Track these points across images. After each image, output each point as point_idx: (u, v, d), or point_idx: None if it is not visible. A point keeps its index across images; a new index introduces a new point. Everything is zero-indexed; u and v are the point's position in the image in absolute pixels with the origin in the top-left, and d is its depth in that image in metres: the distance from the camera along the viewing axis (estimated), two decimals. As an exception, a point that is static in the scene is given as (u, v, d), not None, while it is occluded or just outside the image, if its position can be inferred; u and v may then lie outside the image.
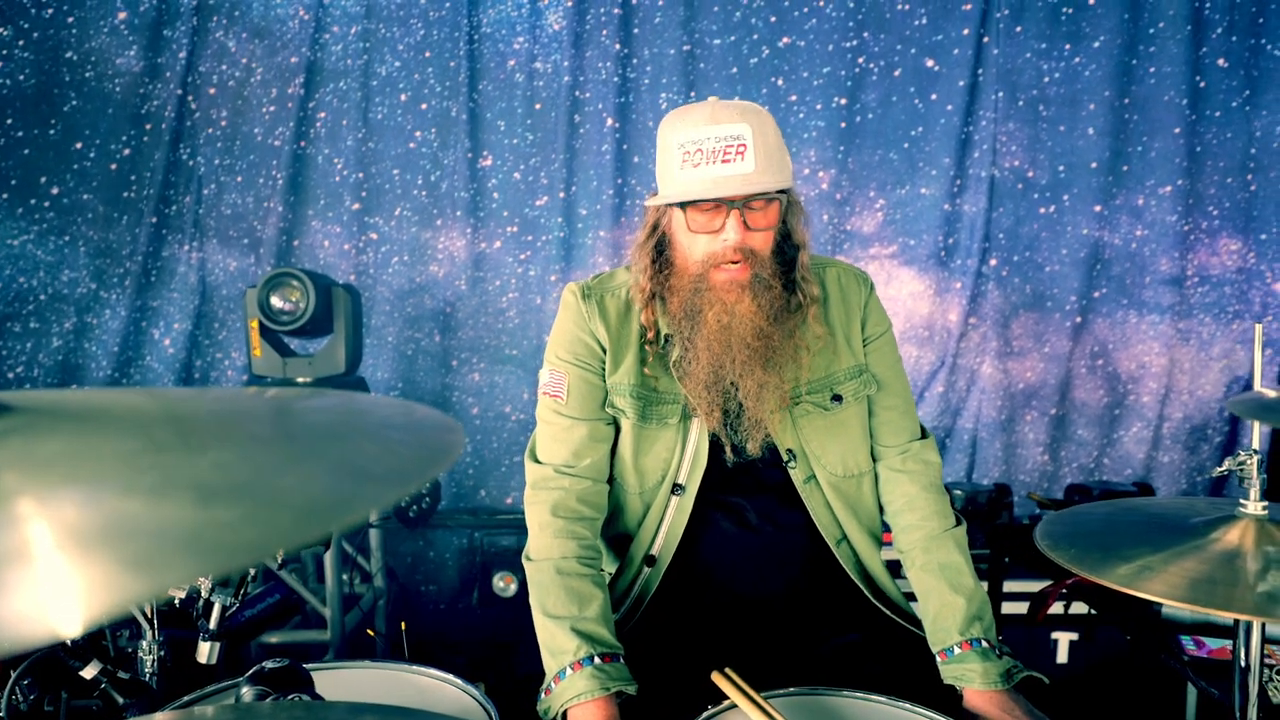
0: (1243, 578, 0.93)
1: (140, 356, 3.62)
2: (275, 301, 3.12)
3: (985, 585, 2.78)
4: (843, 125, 3.54)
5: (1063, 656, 2.89)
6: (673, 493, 1.56)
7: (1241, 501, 1.04)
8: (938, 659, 1.44)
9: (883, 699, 1.30)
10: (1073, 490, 3.21)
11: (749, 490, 1.58)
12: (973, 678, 1.38)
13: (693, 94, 3.56)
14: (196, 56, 3.52)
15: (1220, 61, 3.45)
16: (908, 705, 1.29)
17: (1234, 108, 3.46)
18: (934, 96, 3.51)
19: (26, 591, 0.36)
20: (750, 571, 1.58)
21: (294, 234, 3.65)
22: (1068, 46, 3.48)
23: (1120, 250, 3.54)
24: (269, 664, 1.25)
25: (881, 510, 1.65)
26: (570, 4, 3.52)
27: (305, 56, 3.55)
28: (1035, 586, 2.63)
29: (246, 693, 1.20)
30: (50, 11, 3.40)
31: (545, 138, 3.59)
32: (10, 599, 0.35)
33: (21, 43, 3.38)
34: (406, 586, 3.71)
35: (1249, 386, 3.61)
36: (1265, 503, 1.03)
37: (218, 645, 1.66)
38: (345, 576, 3.51)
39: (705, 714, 1.28)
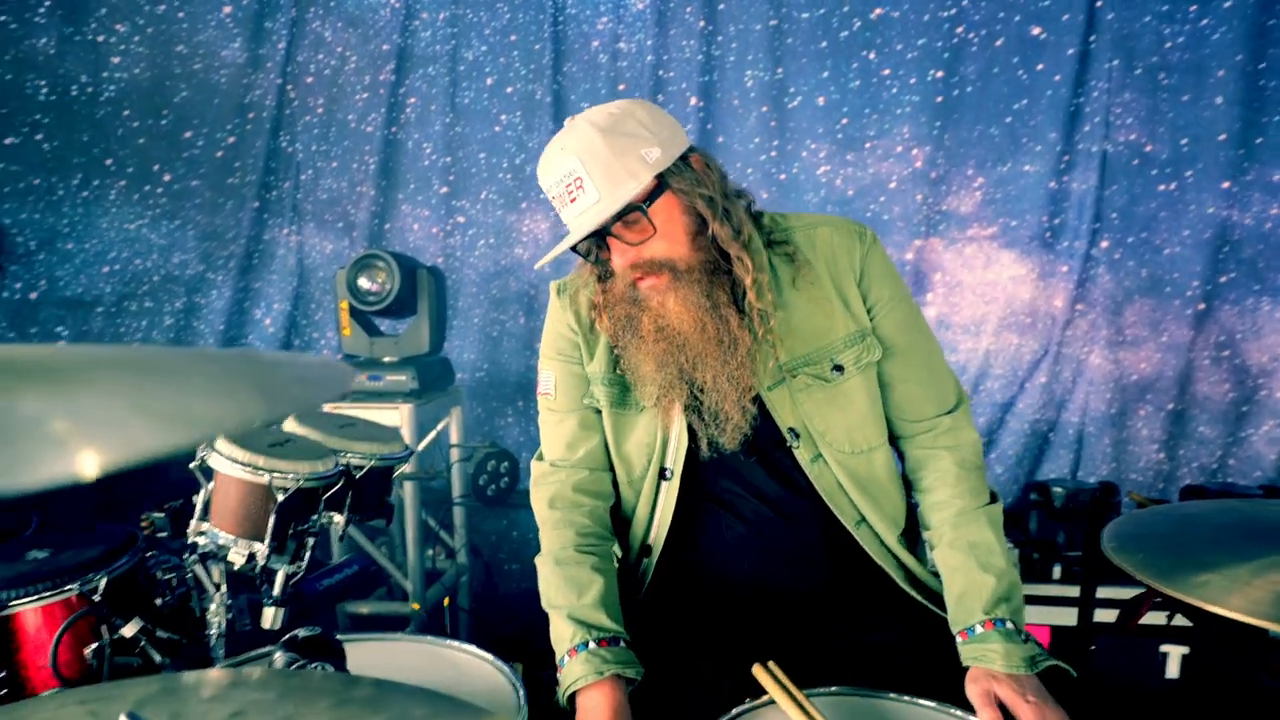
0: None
1: (243, 335, 3.79)
2: (362, 283, 3.20)
3: (1076, 591, 2.59)
4: (939, 100, 3.35)
5: (1173, 671, 2.67)
6: (660, 478, 1.49)
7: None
8: (958, 639, 1.33)
9: (932, 704, 1.21)
10: (1188, 492, 2.95)
11: (752, 475, 1.48)
12: (994, 659, 1.26)
13: (779, 70, 3.45)
14: (295, 47, 3.64)
15: (1376, 18, 3.09)
16: (958, 712, 1.19)
17: (1392, 70, 3.09)
18: (1040, 67, 3.28)
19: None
20: (758, 562, 1.49)
21: (385, 217, 3.74)
22: (1193, 8, 3.18)
23: (1252, 231, 3.23)
24: (302, 631, 1.26)
25: (908, 489, 1.53)
26: (655, -19, 3.46)
27: (396, 43, 3.62)
28: (1131, 594, 2.43)
29: (278, 658, 1.22)
30: (163, 8, 3.58)
31: (629, 119, 3.55)
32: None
33: (137, 39, 3.58)
34: (491, 564, 3.77)
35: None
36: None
37: (281, 611, 1.71)
38: (430, 553, 3.59)
39: (739, 709, 1.22)
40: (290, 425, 1.84)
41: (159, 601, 1.66)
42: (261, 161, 3.68)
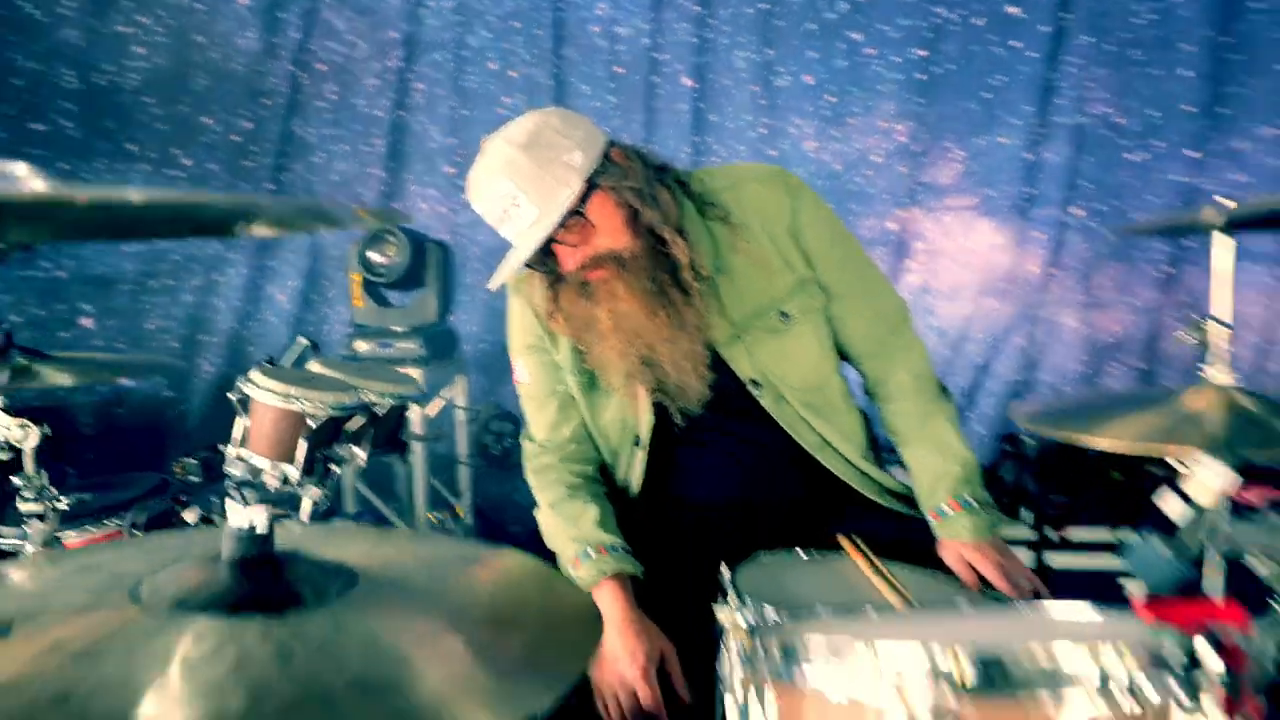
0: (1189, 424, 0.98)
1: (259, 311, 3.98)
2: (373, 256, 3.38)
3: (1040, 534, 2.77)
4: (921, 77, 3.53)
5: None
6: (635, 445, 1.65)
7: (1201, 368, 1.08)
8: (930, 520, 1.52)
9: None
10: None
11: (721, 424, 1.63)
12: (962, 532, 1.48)
13: (770, 51, 3.62)
14: (308, 35, 3.83)
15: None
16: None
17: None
18: (1016, 44, 3.45)
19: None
20: (736, 485, 1.65)
21: (394, 197, 3.93)
22: (1161, -15, 3.35)
23: (1216, 189, 3.39)
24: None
25: (870, 401, 1.70)
26: (649, -33, 3.64)
27: (404, 30, 3.80)
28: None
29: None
30: (183, 0, 3.77)
31: (626, 100, 3.73)
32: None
33: (160, 30, 3.76)
34: (496, 526, 3.95)
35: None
36: (1229, 372, 1.07)
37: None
38: (437, 514, 3.78)
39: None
40: (315, 366, 2.02)
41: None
42: (276, 146, 3.87)
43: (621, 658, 1.40)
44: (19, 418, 1.25)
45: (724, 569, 1.30)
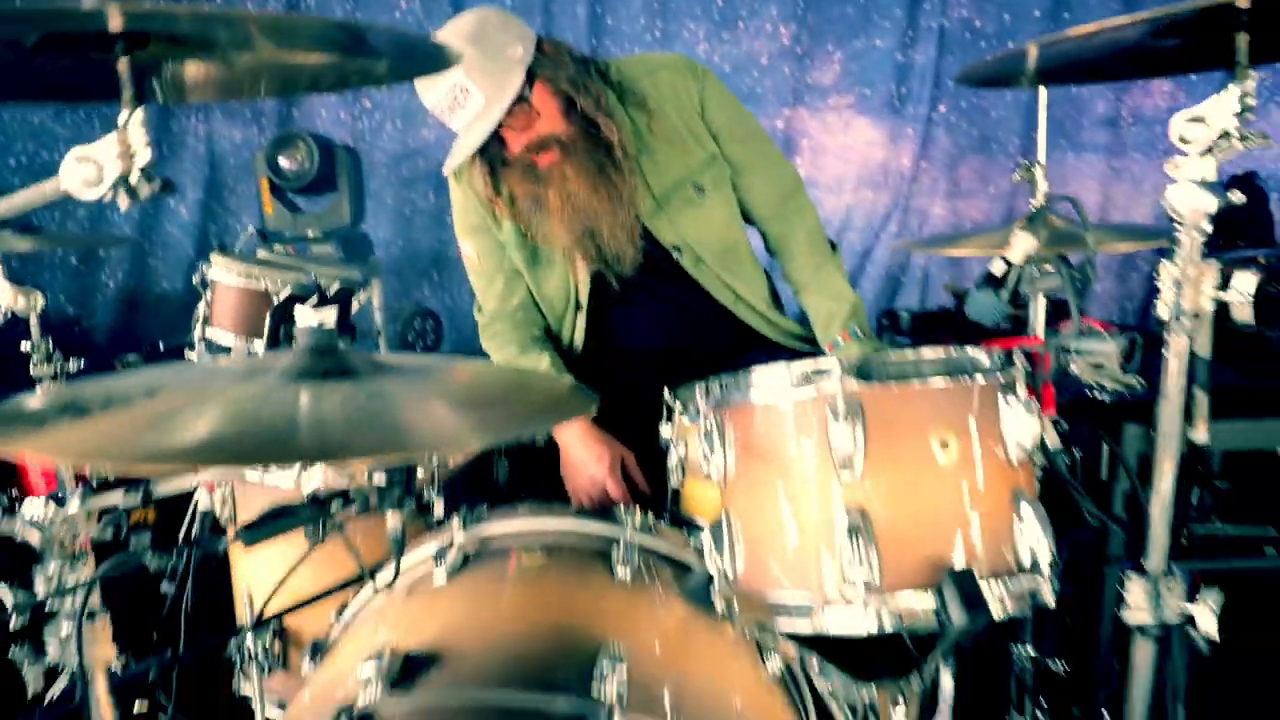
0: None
1: (160, 224, 3.93)
2: (283, 162, 3.41)
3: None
4: (802, -19, 3.76)
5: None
6: (576, 309, 1.89)
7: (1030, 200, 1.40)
8: (826, 351, 1.81)
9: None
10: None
11: (651, 288, 1.87)
12: (854, 356, 1.78)
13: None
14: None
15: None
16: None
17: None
18: (888, -49, 3.72)
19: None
20: (666, 337, 1.91)
21: (293, 103, 3.91)
22: (1014, -104, 3.67)
23: (1060, 94, 3.81)
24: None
25: (771, 259, 1.98)
26: None
27: (291, -70, 3.73)
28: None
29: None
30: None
31: (523, 3, 3.81)
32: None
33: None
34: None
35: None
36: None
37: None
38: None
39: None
40: (263, 254, 2.15)
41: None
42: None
43: (589, 462, 1.67)
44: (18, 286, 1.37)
45: (665, 391, 1.57)
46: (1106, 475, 1.92)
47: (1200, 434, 1.41)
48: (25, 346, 1.45)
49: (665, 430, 1.37)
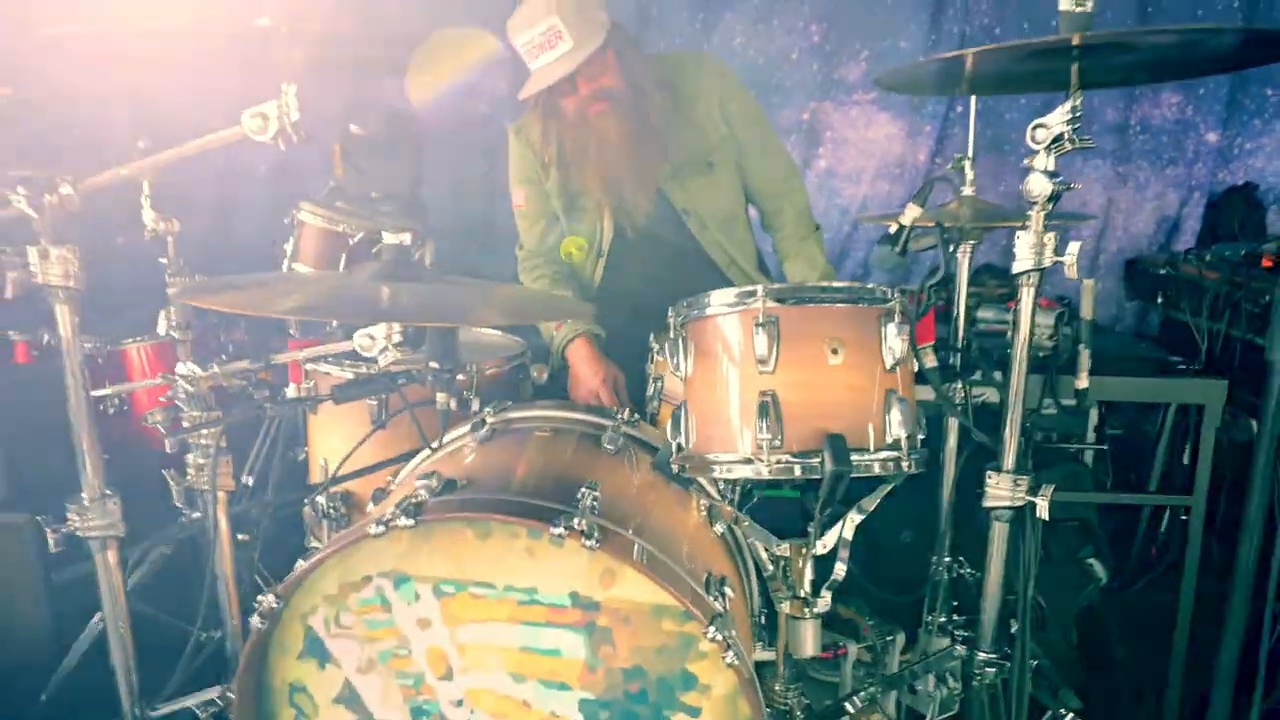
0: (944, 214, 1.63)
1: (239, 182, 4.37)
2: (353, 128, 3.83)
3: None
4: (834, -18, 4.06)
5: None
6: (599, 256, 2.29)
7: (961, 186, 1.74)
8: None
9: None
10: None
11: (660, 242, 2.25)
12: None
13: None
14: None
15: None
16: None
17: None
18: (916, -42, 4.01)
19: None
20: (668, 288, 2.24)
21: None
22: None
23: (1071, 100, 4.07)
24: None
25: (764, 231, 2.35)
26: None
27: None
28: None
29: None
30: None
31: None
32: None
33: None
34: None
35: (1176, 226, 4.20)
36: (972, 186, 1.72)
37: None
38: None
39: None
40: (341, 204, 2.55)
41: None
42: None
43: (590, 376, 2.10)
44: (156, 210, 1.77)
45: (651, 338, 1.95)
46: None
47: (1082, 382, 1.75)
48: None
49: (649, 367, 1.75)
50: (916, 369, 1.37)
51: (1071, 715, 1.70)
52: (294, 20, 1.50)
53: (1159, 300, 3.31)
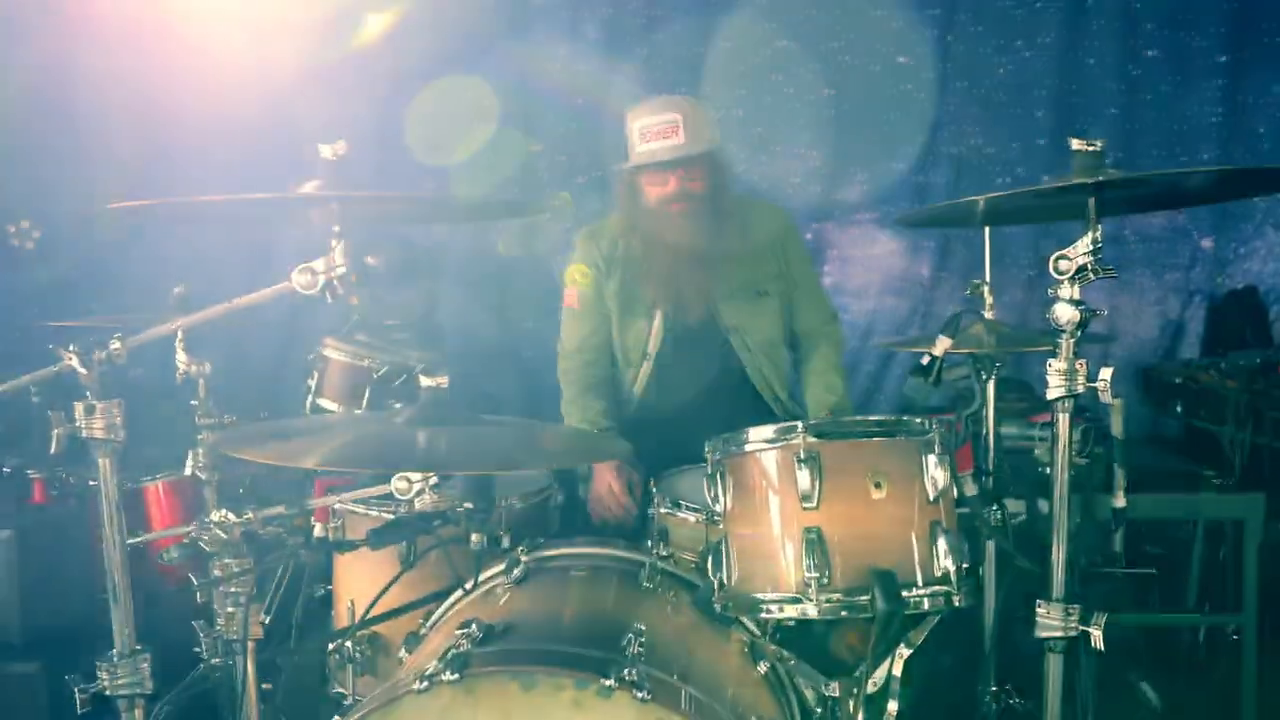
0: (968, 338, 1.64)
1: (258, 312, 4.45)
2: (369, 260, 3.92)
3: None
4: (831, 112, 4.24)
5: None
6: (644, 359, 2.37)
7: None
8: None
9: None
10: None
11: (706, 358, 2.35)
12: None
13: (705, 89, 4.29)
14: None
15: (1149, 52, 4.10)
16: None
17: (1163, 92, 4.11)
18: (907, 86, 4.21)
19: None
20: (704, 409, 2.31)
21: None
22: (1019, 42, 4.15)
23: (1066, 213, 4.19)
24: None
25: (796, 368, 2.44)
26: None
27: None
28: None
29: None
30: None
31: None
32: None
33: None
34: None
35: (1181, 330, 4.25)
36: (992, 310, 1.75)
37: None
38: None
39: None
40: (361, 337, 2.59)
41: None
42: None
43: (608, 496, 2.17)
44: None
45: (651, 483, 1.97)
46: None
47: (1119, 501, 1.73)
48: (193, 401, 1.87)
49: (650, 510, 1.77)
50: (957, 496, 1.36)
51: None
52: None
53: (1178, 409, 3.32)
